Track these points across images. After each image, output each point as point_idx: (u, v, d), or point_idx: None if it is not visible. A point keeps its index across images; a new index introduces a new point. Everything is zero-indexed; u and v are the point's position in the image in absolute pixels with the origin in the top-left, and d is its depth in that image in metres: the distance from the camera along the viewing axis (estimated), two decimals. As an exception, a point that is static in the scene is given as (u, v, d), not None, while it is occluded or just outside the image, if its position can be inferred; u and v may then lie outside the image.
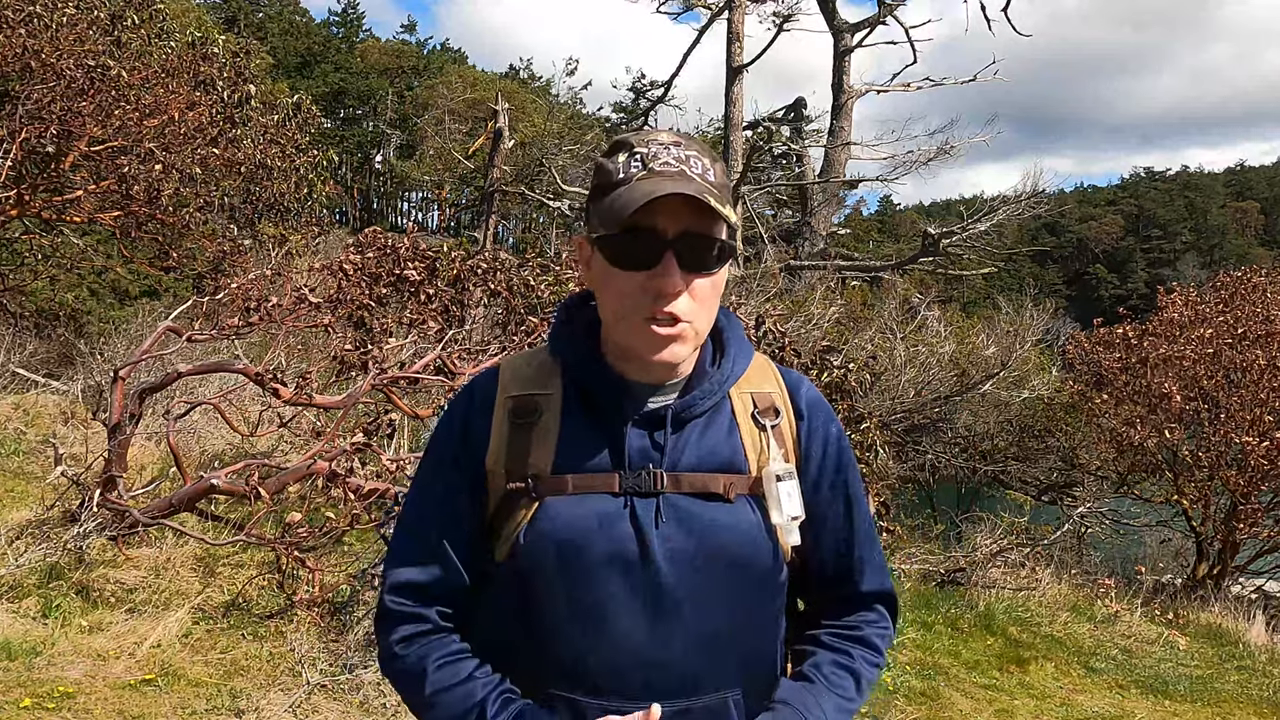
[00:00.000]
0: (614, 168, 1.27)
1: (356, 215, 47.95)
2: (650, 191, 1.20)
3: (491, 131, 25.52)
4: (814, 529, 1.38)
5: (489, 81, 45.34)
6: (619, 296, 1.26)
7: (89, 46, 10.12)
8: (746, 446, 1.35)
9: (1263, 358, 9.70)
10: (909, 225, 55.25)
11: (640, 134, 1.31)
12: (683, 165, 1.25)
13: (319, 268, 7.37)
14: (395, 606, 1.35)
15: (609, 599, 1.27)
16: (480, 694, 1.28)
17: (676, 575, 1.27)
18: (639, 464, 1.30)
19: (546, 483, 1.29)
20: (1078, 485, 12.93)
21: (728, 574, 1.30)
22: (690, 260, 1.24)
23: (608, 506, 1.28)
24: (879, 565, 1.46)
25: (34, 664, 4.08)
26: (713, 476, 1.31)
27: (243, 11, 49.19)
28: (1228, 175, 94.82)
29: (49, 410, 9.32)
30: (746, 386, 1.38)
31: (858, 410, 6.38)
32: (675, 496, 1.29)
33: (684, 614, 1.27)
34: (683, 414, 1.32)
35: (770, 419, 1.37)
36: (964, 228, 19.32)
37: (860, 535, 1.43)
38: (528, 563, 1.29)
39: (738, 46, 20.55)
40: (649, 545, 1.27)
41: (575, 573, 1.27)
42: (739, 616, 1.32)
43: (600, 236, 1.26)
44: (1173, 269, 60.00)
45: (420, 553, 1.36)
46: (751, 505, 1.32)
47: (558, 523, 1.28)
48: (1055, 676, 6.53)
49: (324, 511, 5.21)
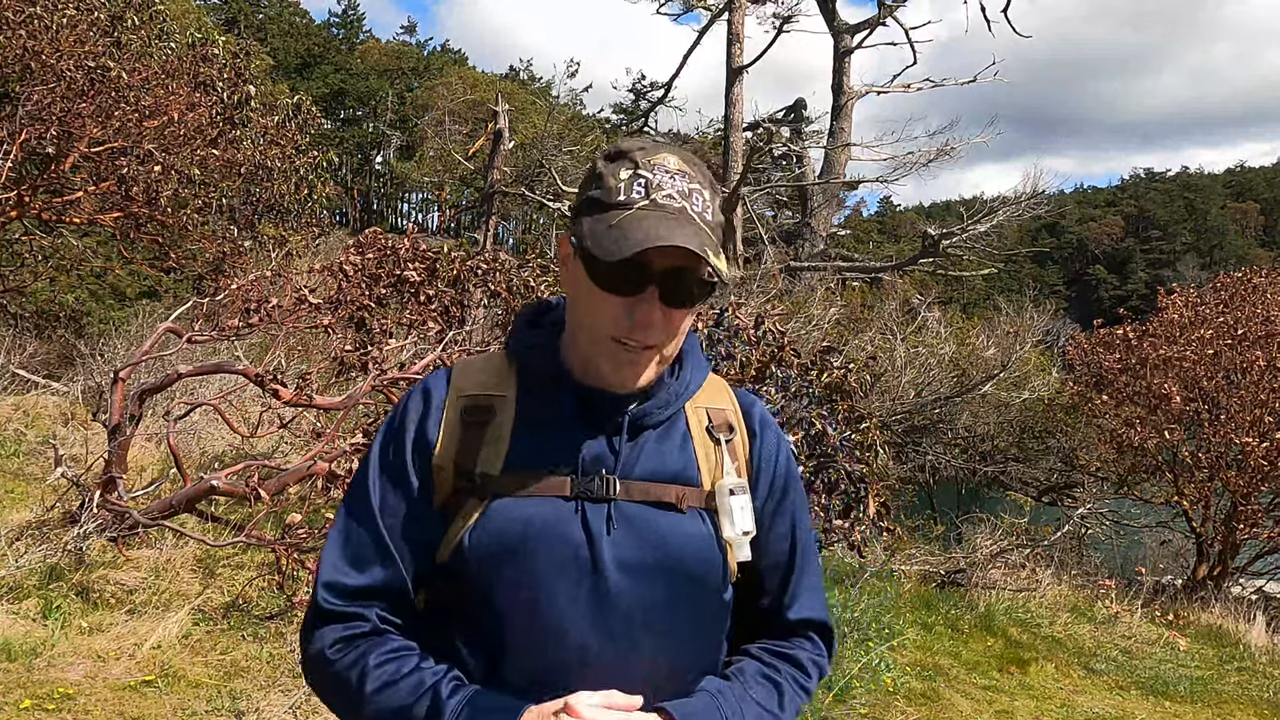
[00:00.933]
0: (614, 184, 1.23)
1: (356, 216, 47.93)
2: (649, 235, 1.18)
3: (491, 133, 25.51)
4: (758, 549, 1.35)
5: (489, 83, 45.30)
6: (593, 313, 1.25)
7: (89, 48, 10.12)
8: (700, 460, 1.33)
9: (1263, 358, 9.70)
10: (909, 226, 55.24)
11: (646, 151, 1.26)
12: (685, 201, 1.22)
13: (319, 269, 7.37)
14: (329, 606, 1.27)
15: (556, 603, 1.23)
16: (430, 680, 1.21)
17: (627, 584, 1.24)
18: (592, 469, 1.27)
19: (496, 482, 1.26)
20: (1078, 486, 12.94)
21: (678, 586, 1.27)
22: (673, 295, 1.23)
23: (558, 510, 1.25)
24: (817, 593, 1.44)
25: (34, 665, 4.08)
26: (665, 487, 1.29)
27: (243, 13, 49.18)
28: (1228, 176, 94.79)
29: (49, 411, 9.32)
30: (702, 401, 1.37)
31: (858, 410, 6.37)
32: (627, 504, 1.27)
33: (635, 623, 1.24)
34: (639, 422, 1.30)
35: (725, 434, 1.36)
36: (964, 229, 19.31)
37: (801, 560, 1.41)
38: (473, 563, 1.25)
39: (738, 48, 20.57)
40: (599, 552, 1.24)
41: (521, 573, 1.23)
42: (688, 630, 1.29)
43: (584, 252, 1.23)
44: (1173, 270, 59.97)
45: (361, 551, 1.28)
46: (703, 518, 1.30)
47: (504, 523, 1.24)
48: (1055, 677, 6.52)
49: (324, 512, 5.21)
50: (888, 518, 6.55)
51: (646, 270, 1.21)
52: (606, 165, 1.26)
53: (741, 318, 6.22)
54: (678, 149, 1.30)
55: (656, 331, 1.24)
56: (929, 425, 13.22)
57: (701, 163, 1.31)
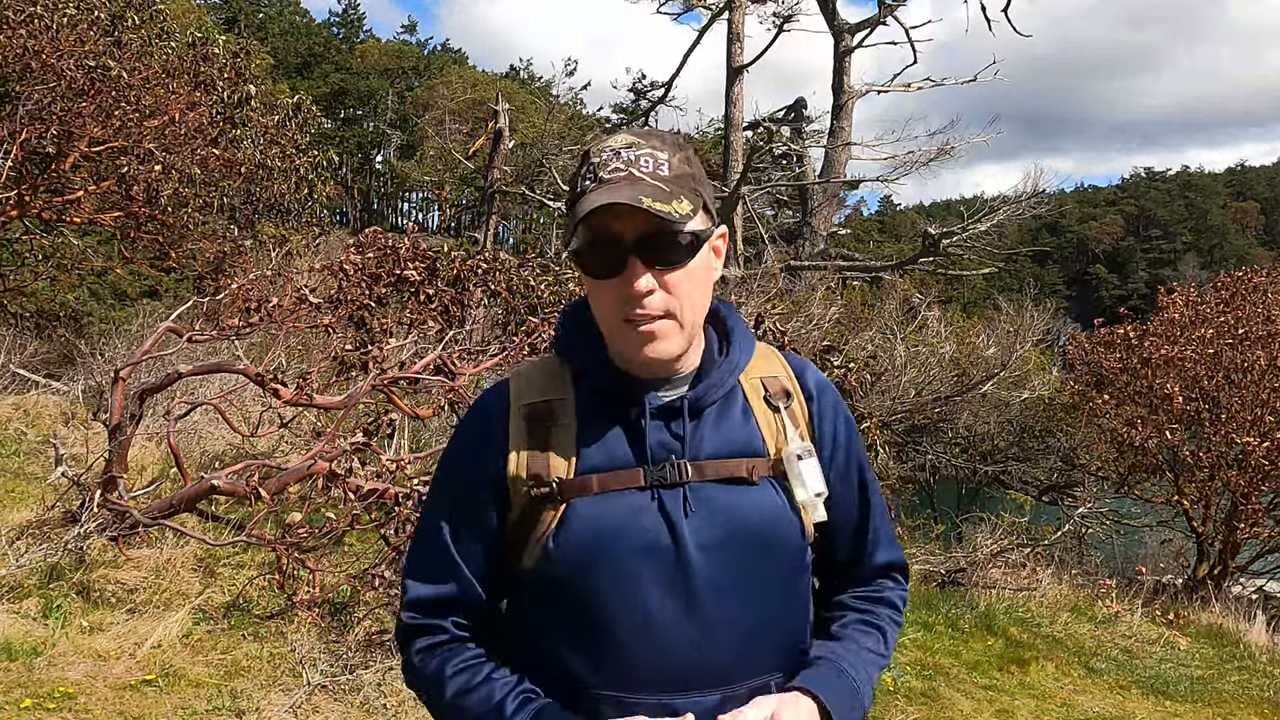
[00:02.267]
0: (577, 181, 1.28)
1: (357, 216, 47.89)
2: (591, 204, 1.21)
3: (492, 132, 25.52)
4: (832, 507, 1.39)
5: (489, 82, 45.29)
6: (600, 305, 1.30)
7: (89, 47, 10.11)
8: (762, 430, 1.36)
9: (1263, 358, 9.70)
10: (909, 225, 55.21)
11: (598, 140, 1.32)
12: (631, 168, 1.24)
13: (319, 268, 7.35)
14: (410, 621, 1.37)
15: (646, 593, 1.27)
16: (499, 695, 1.29)
17: (710, 563, 1.28)
18: (661, 457, 1.31)
19: (571, 485, 1.30)
20: (1078, 485, 12.92)
21: (759, 557, 1.31)
22: (655, 259, 1.25)
23: (635, 501, 1.29)
24: (891, 537, 1.50)
25: (34, 664, 4.08)
26: (734, 461, 1.33)
27: (243, 12, 49.18)
28: (1228, 175, 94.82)
29: (49, 411, 9.32)
30: (755, 373, 1.40)
31: (858, 410, 6.38)
32: (700, 485, 1.30)
33: (721, 602, 1.28)
34: (697, 404, 1.33)
35: (783, 401, 1.39)
36: (964, 228, 19.29)
37: (874, 510, 1.48)
38: (560, 566, 1.29)
39: (738, 47, 20.56)
40: (680, 535, 1.28)
41: (609, 570, 1.27)
42: (774, 600, 1.33)
43: (571, 252, 1.29)
44: (1173, 269, 60.01)
45: (435, 568, 1.36)
46: (775, 487, 1.34)
47: (587, 523, 1.28)
48: (1056, 677, 6.52)
49: (324, 512, 5.21)
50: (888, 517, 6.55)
51: (619, 245, 1.24)
52: (576, 172, 1.31)
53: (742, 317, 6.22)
54: (633, 129, 1.36)
55: (656, 299, 1.26)
56: (929, 424, 13.20)
57: (660, 131, 1.36)
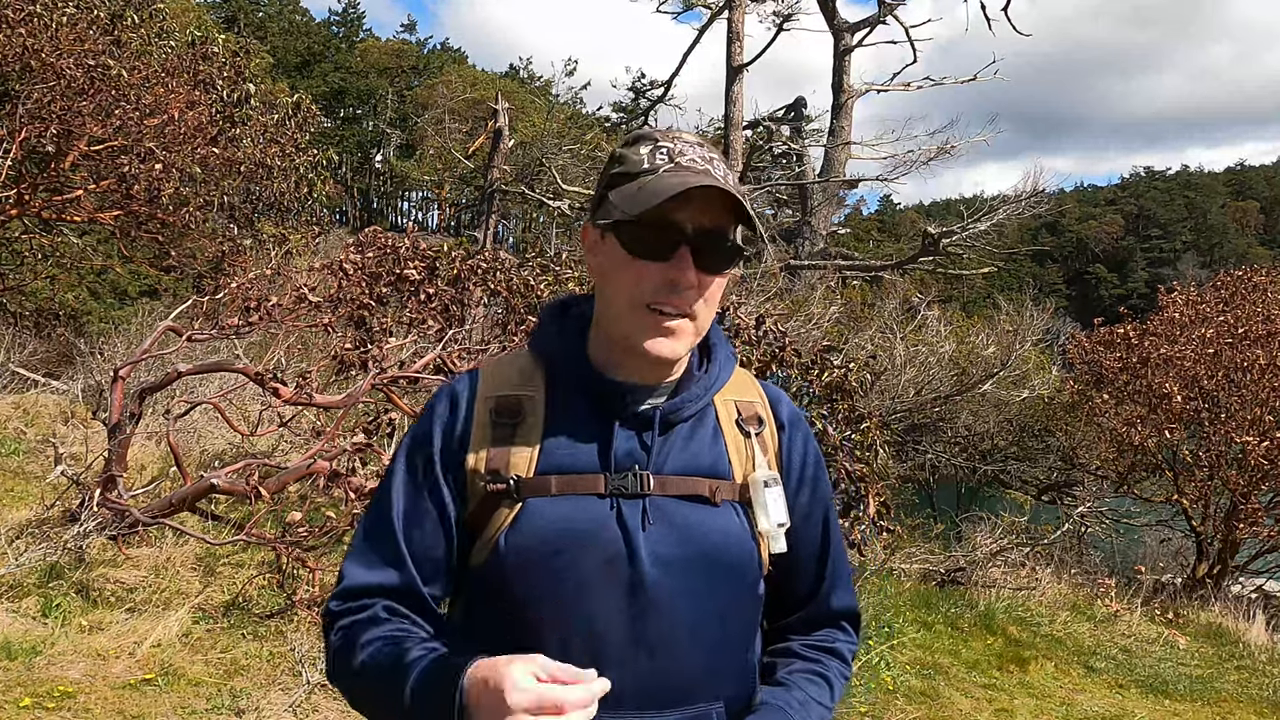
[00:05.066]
0: (638, 158, 1.26)
1: (356, 215, 47.92)
2: (683, 183, 1.20)
3: (491, 131, 25.51)
4: (793, 541, 1.35)
5: (489, 81, 45.33)
6: (632, 283, 1.25)
7: (89, 46, 10.10)
8: (731, 453, 1.33)
9: (1263, 357, 9.70)
10: (909, 225, 55.17)
11: (664, 130, 1.31)
12: (708, 165, 1.25)
13: (319, 267, 7.36)
14: (335, 609, 1.29)
15: (596, 603, 1.22)
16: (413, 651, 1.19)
17: (665, 578, 1.24)
18: (625, 465, 1.27)
19: (529, 484, 1.25)
20: (1078, 485, 12.92)
21: (714, 579, 1.27)
22: (705, 258, 1.24)
23: (593, 508, 1.25)
24: (848, 582, 1.46)
25: (34, 663, 4.08)
26: (699, 480, 1.29)
27: (243, 11, 49.17)
28: (1228, 175, 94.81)
29: (49, 410, 9.32)
30: (730, 394, 1.37)
31: (858, 410, 6.37)
32: (661, 499, 1.26)
33: (674, 620, 1.24)
34: (670, 416, 1.30)
35: (754, 427, 1.36)
36: (964, 227, 19.28)
37: (834, 551, 1.43)
38: (509, 567, 1.24)
39: (738, 46, 20.54)
40: (636, 548, 1.23)
41: (559, 576, 1.23)
42: (724, 624, 1.29)
43: (617, 222, 1.24)
44: (1173, 269, 59.96)
45: (377, 556, 1.29)
46: (737, 511, 1.30)
47: (541, 524, 1.24)
48: (1055, 676, 6.53)
49: (324, 511, 5.21)
50: (888, 517, 6.55)
51: (679, 230, 1.23)
52: (626, 149, 1.30)
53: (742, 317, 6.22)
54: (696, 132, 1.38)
55: (692, 296, 1.25)
56: (929, 424, 13.20)
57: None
